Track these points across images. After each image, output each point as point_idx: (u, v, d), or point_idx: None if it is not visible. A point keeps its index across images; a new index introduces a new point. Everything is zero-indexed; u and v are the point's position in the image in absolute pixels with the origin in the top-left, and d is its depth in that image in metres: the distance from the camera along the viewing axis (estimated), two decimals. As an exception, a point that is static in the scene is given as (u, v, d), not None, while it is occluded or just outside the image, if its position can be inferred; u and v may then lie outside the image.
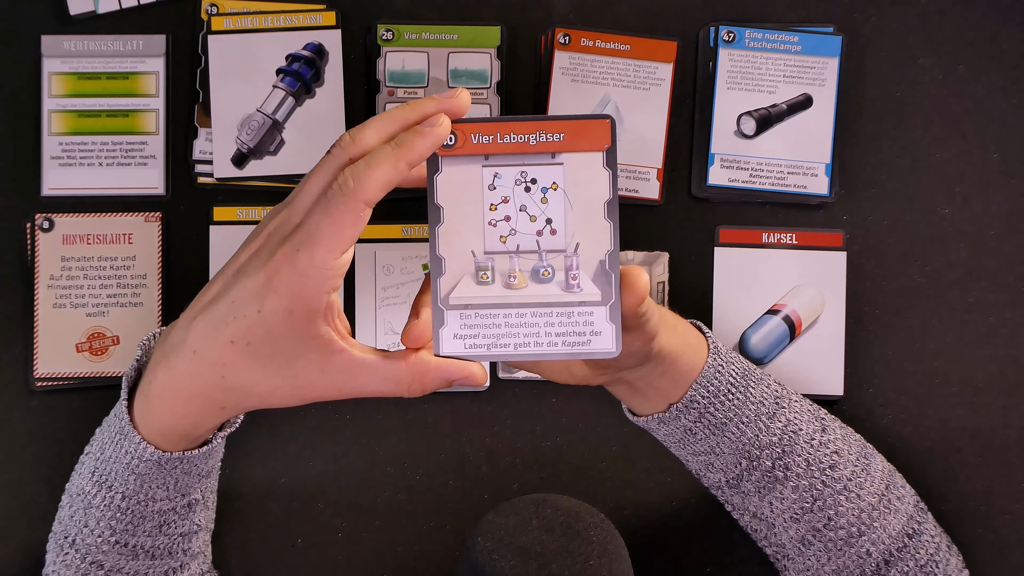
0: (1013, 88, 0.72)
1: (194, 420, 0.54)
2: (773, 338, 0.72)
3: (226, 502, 0.72)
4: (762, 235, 0.72)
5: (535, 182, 0.52)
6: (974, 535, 0.72)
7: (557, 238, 0.52)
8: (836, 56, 0.72)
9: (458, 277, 0.51)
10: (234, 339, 0.51)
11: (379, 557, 0.72)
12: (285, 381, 0.51)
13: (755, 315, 0.72)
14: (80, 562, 0.59)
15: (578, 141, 0.51)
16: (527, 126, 0.51)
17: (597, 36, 0.71)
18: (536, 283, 0.52)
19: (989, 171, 0.72)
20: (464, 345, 0.52)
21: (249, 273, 0.50)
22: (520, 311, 0.52)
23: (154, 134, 0.72)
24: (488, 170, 0.51)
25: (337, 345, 0.51)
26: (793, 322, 0.71)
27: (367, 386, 0.52)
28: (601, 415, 0.72)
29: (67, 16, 0.71)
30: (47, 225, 0.71)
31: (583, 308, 0.51)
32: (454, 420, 0.72)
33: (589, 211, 0.51)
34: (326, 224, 0.49)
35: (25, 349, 0.71)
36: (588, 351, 0.52)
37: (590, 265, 0.51)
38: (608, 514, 0.70)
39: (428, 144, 0.50)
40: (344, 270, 0.50)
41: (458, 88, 0.52)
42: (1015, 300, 0.72)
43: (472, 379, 0.52)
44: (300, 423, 0.72)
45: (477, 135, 0.51)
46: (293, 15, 0.71)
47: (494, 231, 0.52)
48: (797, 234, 0.72)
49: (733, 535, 0.72)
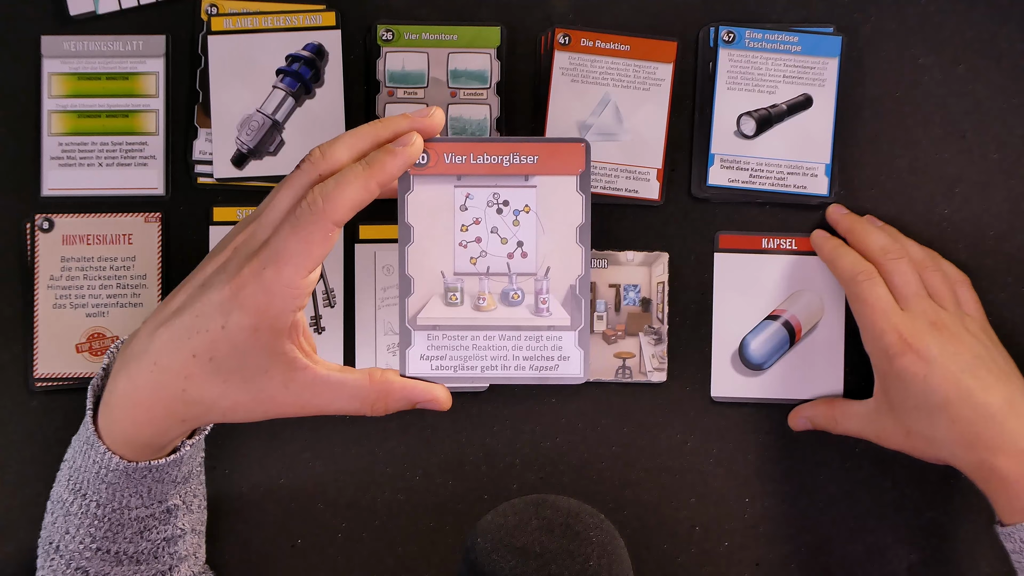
0: (1013, 88, 0.72)
1: (155, 431, 0.53)
2: (773, 343, 0.71)
3: (226, 502, 0.72)
4: (761, 240, 0.72)
5: (507, 204, 0.51)
6: (975, 534, 0.72)
7: (528, 261, 0.51)
8: (836, 56, 0.72)
9: (427, 297, 0.51)
10: (196, 353, 0.50)
11: (379, 557, 0.72)
12: (247, 396, 0.51)
13: (755, 320, 0.72)
14: (66, 568, 0.59)
15: (552, 164, 0.51)
16: (501, 147, 0.51)
17: (597, 36, 0.71)
18: (505, 306, 0.51)
19: (989, 171, 0.72)
20: (431, 366, 0.51)
21: (215, 287, 0.50)
22: (488, 334, 0.51)
23: (154, 134, 0.72)
24: (460, 190, 0.51)
25: (301, 362, 0.50)
26: (793, 327, 0.71)
27: (331, 403, 0.51)
28: (601, 415, 0.72)
29: (67, 16, 0.71)
30: (47, 225, 0.71)
31: (552, 333, 0.51)
32: (453, 420, 0.72)
33: (561, 235, 0.51)
34: (294, 243, 0.48)
35: (25, 349, 0.71)
36: (556, 376, 0.51)
37: (560, 289, 0.51)
38: (608, 514, 0.70)
39: (399, 164, 0.49)
40: (311, 288, 0.50)
41: (432, 107, 0.51)
42: (1015, 300, 0.72)
43: (436, 402, 0.52)
44: (300, 423, 0.72)
45: (450, 155, 0.51)
46: (293, 15, 0.71)
47: (464, 252, 0.51)
48: (796, 240, 0.71)
49: (733, 536, 0.72)
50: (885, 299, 0.64)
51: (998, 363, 0.63)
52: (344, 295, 0.71)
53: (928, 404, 0.61)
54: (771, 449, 0.72)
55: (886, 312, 0.64)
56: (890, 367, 0.63)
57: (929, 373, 0.61)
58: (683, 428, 0.72)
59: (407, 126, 0.51)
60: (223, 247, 0.52)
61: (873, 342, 0.65)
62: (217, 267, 0.51)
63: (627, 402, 0.72)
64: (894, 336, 0.63)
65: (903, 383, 0.62)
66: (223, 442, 0.72)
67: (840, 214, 0.70)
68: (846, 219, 0.70)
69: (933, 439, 0.62)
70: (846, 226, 0.70)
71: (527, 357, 0.51)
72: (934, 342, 0.62)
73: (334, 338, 0.71)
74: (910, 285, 0.65)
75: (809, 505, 0.73)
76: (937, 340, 0.62)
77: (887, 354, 0.63)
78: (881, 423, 0.65)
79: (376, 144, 0.50)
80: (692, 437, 0.72)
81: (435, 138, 0.51)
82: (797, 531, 0.72)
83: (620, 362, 0.71)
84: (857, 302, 0.66)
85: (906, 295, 0.65)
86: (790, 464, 0.73)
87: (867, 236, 0.68)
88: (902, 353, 0.62)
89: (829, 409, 0.69)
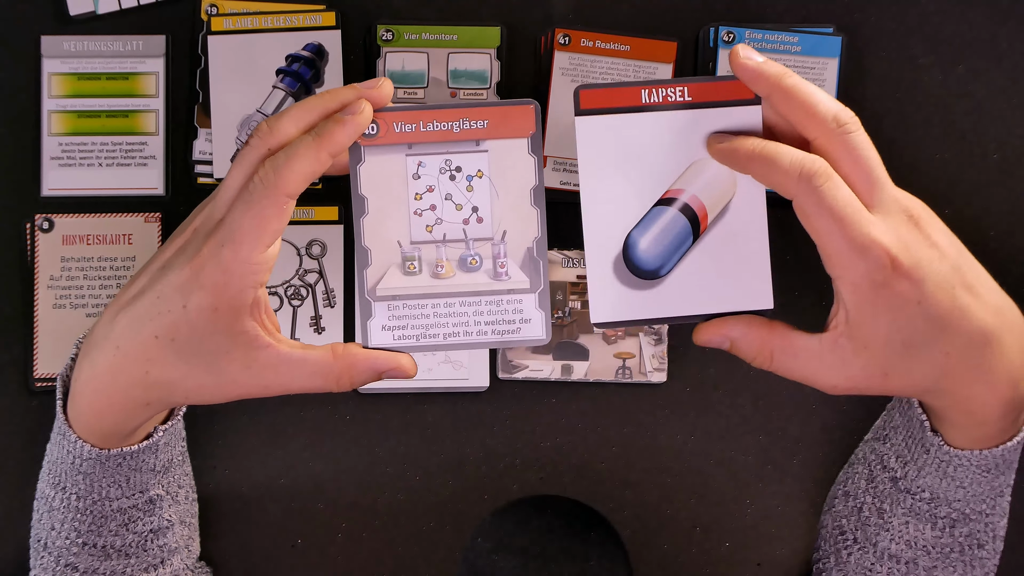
0: (1013, 88, 0.72)
1: (120, 416, 0.53)
2: (669, 238, 0.53)
3: (226, 502, 0.72)
4: (641, 93, 0.52)
5: (460, 170, 0.51)
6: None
7: (484, 226, 0.51)
8: (836, 56, 0.72)
9: (384, 268, 0.51)
10: (158, 334, 0.50)
11: (379, 557, 0.72)
12: (210, 377, 0.51)
13: (641, 209, 0.53)
14: (55, 564, 0.59)
15: (503, 128, 0.51)
16: (450, 113, 0.50)
17: (597, 36, 0.71)
18: (464, 272, 0.51)
19: (989, 171, 0.72)
20: (393, 336, 0.51)
21: (174, 268, 0.50)
22: (448, 301, 0.51)
23: (154, 134, 0.72)
24: (412, 159, 0.51)
25: (263, 340, 0.50)
26: (696, 212, 0.52)
27: (295, 381, 0.51)
28: (601, 415, 0.72)
29: (67, 16, 0.71)
30: (47, 225, 0.71)
31: (512, 296, 0.51)
32: (454, 420, 0.72)
33: (516, 198, 0.51)
34: (248, 220, 0.48)
35: (25, 349, 0.71)
36: (518, 339, 0.51)
37: (518, 253, 0.51)
38: (608, 514, 0.70)
39: (348, 133, 0.49)
40: (271, 263, 0.49)
41: (381, 77, 0.51)
42: (1015, 300, 0.72)
43: (401, 370, 0.52)
44: (300, 423, 0.72)
45: (400, 123, 0.51)
46: (293, 15, 0.71)
47: (420, 220, 0.51)
48: (689, 87, 0.52)
49: (733, 536, 0.72)
50: (853, 203, 0.48)
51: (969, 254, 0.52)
52: (344, 295, 0.71)
53: (920, 337, 0.48)
54: (771, 449, 0.72)
55: (859, 222, 0.47)
56: (874, 297, 0.48)
57: (923, 297, 0.48)
58: (683, 428, 0.72)
59: (354, 95, 0.50)
60: (183, 230, 0.52)
61: (845, 267, 0.48)
62: (176, 249, 0.51)
63: (627, 402, 0.72)
64: (879, 251, 0.47)
65: (890, 315, 0.48)
66: (223, 442, 0.72)
67: (754, 59, 0.50)
68: (767, 67, 0.49)
69: (913, 376, 0.50)
70: (772, 80, 0.49)
71: (488, 322, 0.51)
72: (921, 250, 0.48)
73: (334, 338, 0.71)
74: (875, 168, 0.49)
75: (809, 505, 0.73)
76: (922, 245, 0.48)
77: (870, 281, 0.47)
78: (843, 366, 0.50)
79: (324, 115, 0.50)
80: (692, 437, 0.73)
81: (384, 107, 0.50)
82: (797, 531, 0.73)
83: (620, 362, 0.71)
84: (815, 213, 0.47)
85: (870, 185, 0.49)
86: (790, 464, 0.73)
87: (812, 98, 0.49)
88: (891, 279, 0.47)
89: (764, 336, 0.51)
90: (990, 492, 0.55)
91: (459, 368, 0.71)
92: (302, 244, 0.71)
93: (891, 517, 0.57)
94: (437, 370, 0.71)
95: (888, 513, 0.57)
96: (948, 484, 0.54)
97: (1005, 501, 0.57)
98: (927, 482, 0.55)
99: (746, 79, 0.49)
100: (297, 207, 0.71)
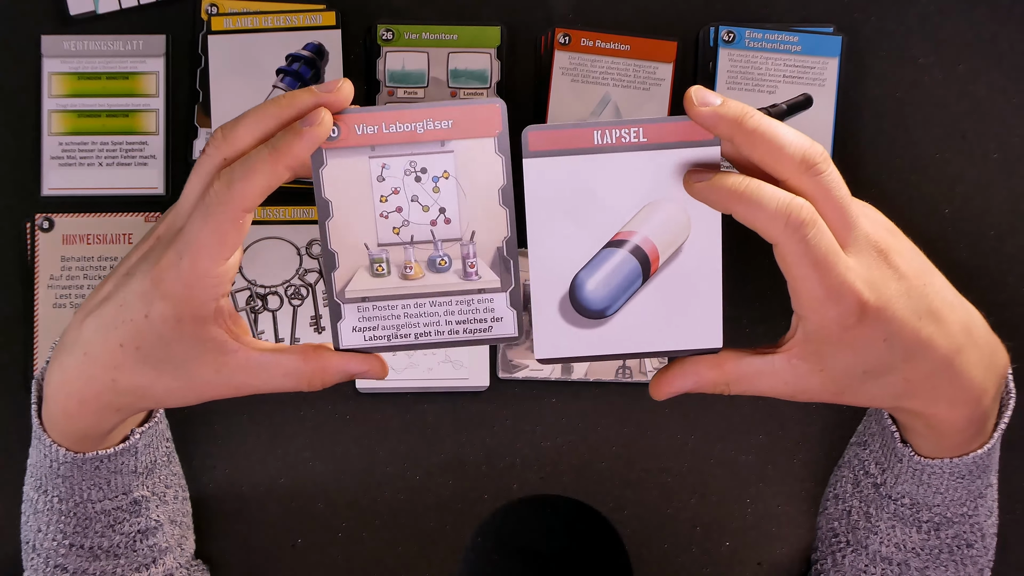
0: (1013, 88, 0.72)
1: (91, 421, 0.53)
2: (618, 280, 0.52)
3: (226, 502, 0.72)
4: (593, 134, 0.50)
5: (425, 171, 0.50)
6: (974, 535, 0.72)
7: (452, 227, 0.51)
8: (836, 56, 0.72)
9: (353, 270, 0.51)
10: (123, 343, 0.49)
11: (379, 557, 0.72)
12: (179, 382, 0.50)
13: (590, 251, 0.52)
14: (44, 566, 0.58)
15: (468, 128, 0.50)
16: (413, 114, 0.50)
17: (597, 36, 0.71)
18: (433, 273, 0.51)
19: (989, 171, 0.72)
20: (364, 338, 0.51)
21: (137, 276, 0.49)
22: (419, 301, 0.51)
23: (154, 134, 0.72)
24: (375, 161, 0.50)
25: (231, 345, 0.50)
26: (646, 255, 0.51)
27: (267, 382, 0.51)
28: (601, 415, 0.72)
29: (67, 16, 0.71)
30: (47, 225, 0.71)
31: (482, 295, 0.51)
32: (454, 420, 0.72)
33: (484, 198, 0.50)
34: (206, 233, 0.47)
35: (25, 349, 0.71)
36: (490, 336, 0.51)
37: (488, 252, 0.51)
38: (608, 514, 0.70)
39: (306, 146, 0.47)
40: (232, 274, 0.49)
41: (340, 79, 0.49)
42: (1015, 300, 0.72)
43: (372, 372, 0.52)
44: (300, 423, 0.72)
45: (361, 126, 0.50)
46: (293, 15, 0.71)
47: (386, 223, 0.51)
48: (644, 128, 0.50)
49: (733, 535, 0.72)
50: (834, 249, 0.47)
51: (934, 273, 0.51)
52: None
53: (882, 368, 0.49)
54: (771, 449, 0.72)
55: (837, 269, 0.46)
56: (840, 336, 0.48)
57: (889, 335, 0.48)
58: (683, 428, 0.72)
59: (312, 102, 0.48)
60: (149, 235, 0.51)
61: (815, 310, 0.47)
62: (141, 255, 0.51)
63: (627, 402, 0.72)
64: (852, 299, 0.47)
65: (853, 351, 0.48)
66: (223, 442, 0.72)
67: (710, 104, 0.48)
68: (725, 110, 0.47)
69: (870, 397, 0.50)
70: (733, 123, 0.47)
71: (460, 321, 0.51)
72: (890, 288, 0.48)
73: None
74: (849, 207, 0.48)
75: (810, 505, 0.73)
76: (890, 281, 0.48)
77: (839, 325, 0.47)
78: (798, 381, 0.50)
79: (281, 124, 0.48)
80: (692, 437, 0.72)
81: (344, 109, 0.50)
82: (797, 531, 0.73)
83: (620, 362, 0.71)
84: (797, 262, 0.47)
85: (845, 226, 0.47)
86: (790, 464, 0.73)
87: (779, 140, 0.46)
88: (861, 319, 0.47)
89: (715, 374, 0.51)
90: (968, 496, 0.56)
91: (459, 368, 0.71)
92: (302, 244, 0.71)
93: (878, 521, 0.58)
94: (437, 370, 0.71)
95: (875, 517, 0.58)
96: (925, 490, 0.55)
97: (988, 501, 0.57)
98: (905, 489, 0.56)
99: (705, 125, 0.48)
100: (297, 207, 0.71)
